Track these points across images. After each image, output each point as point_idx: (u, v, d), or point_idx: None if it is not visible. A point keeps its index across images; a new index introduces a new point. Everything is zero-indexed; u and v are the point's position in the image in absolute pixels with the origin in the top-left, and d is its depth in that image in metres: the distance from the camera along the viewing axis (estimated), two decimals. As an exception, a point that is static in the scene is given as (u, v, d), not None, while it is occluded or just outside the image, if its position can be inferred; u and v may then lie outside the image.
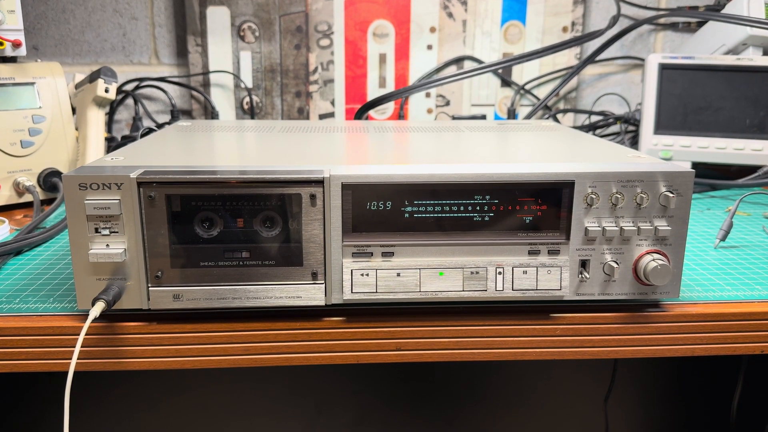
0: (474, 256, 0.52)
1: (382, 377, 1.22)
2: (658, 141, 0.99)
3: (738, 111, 0.97)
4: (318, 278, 0.52)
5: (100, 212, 0.48)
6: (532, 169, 0.51)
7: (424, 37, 1.18)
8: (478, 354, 0.54)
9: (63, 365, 0.51)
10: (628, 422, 1.27)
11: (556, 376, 1.23)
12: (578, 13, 1.17)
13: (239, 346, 0.52)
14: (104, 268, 0.50)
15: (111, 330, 0.51)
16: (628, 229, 0.52)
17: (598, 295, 0.53)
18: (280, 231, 0.51)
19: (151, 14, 1.17)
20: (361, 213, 0.51)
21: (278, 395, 1.22)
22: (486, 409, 1.26)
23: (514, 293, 0.52)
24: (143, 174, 0.49)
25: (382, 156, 0.59)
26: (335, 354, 0.53)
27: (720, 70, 0.97)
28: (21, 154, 0.85)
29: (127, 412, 1.21)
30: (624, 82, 1.25)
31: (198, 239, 0.50)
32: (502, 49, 1.19)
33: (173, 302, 0.51)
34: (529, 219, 0.52)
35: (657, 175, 0.51)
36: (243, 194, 0.50)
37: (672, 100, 0.98)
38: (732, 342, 0.55)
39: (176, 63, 1.20)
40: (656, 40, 1.23)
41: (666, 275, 0.51)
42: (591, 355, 0.55)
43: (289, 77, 1.18)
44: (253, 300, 0.51)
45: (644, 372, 1.24)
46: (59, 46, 1.17)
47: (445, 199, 0.51)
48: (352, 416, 1.25)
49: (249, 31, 1.15)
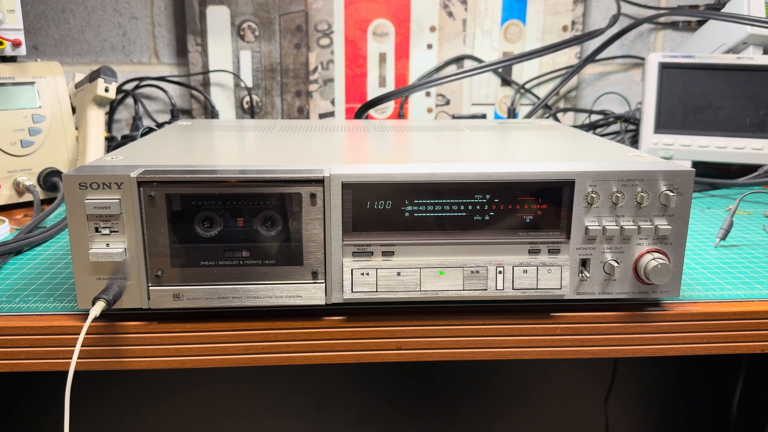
0: (474, 256, 0.52)
1: (383, 376, 1.22)
2: (658, 140, 0.99)
3: (738, 110, 0.97)
4: (318, 277, 0.52)
5: (101, 212, 0.48)
6: (533, 168, 0.51)
7: (424, 37, 1.18)
8: (479, 353, 0.54)
9: (63, 365, 0.51)
10: (628, 421, 1.27)
11: (557, 375, 1.23)
12: (578, 12, 1.17)
13: (239, 345, 0.52)
14: (104, 267, 0.50)
15: (111, 329, 0.51)
16: (629, 228, 0.52)
17: (598, 294, 0.53)
18: (281, 230, 0.51)
19: (151, 14, 1.17)
20: (361, 212, 0.51)
21: (279, 394, 1.22)
22: (486, 408, 1.26)
23: (514, 292, 0.52)
24: (143, 173, 0.49)
25: (383, 155, 0.59)
26: (335, 353, 0.53)
27: (720, 69, 0.97)
28: (21, 154, 0.85)
29: (128, 412, 1.21)
30: (624, 81, 1.25)
31: (198, 239, 0.50)
32: (502, 48, 1.19)
33: (173, 302, 0.51)
34: (530, 218, 0.52)
35: (657, 174, 0.51)
36: (243, 193, 0.50)
37: (672, 99, 0.98)
38: (732, 341, 0.55)
39: (176, 62, 1.20)
40: (656, 39, 1.23)
41: (666, 274, 0.51)
42: (591, 354, 0.55)
43: (289, 76, 1.18)
44: (254, 299, 0.51)
45: (645, 371, 1.24)
46: (59, 46, 1.17)
47: (446, 198, 0.51)
48: (352, 415, 1.25)
49: (249, 31, 1.15)
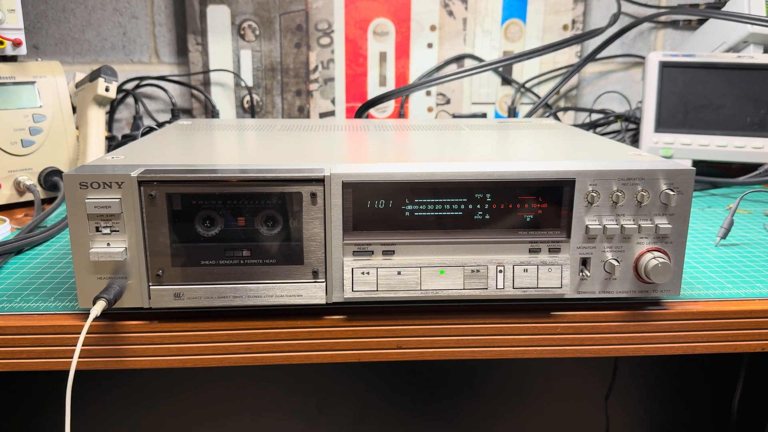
0: (475, 255, 0.52)
1: (383, 375, 1.22)
2: (658, 139, 0.99)
3: (739, 109, 0.97)
4: (319, 277, 0.52)
5: (101, 211, 0.48)
6: (533, 167, 0.51)
7: (424, 36, 1.18)
8: (479, 352, 0.54)
9: (64, 364, 0.51)
10: (628, 420, 1.27)
11: (557, 375, 1.23)
12: (579, 11, 1.17)
13: (240, 344, 0.52)
14: (105, 266, 0.50)
15: (112, 329, 0.51)
16: (629, 227, 0.52)
17: (598, 293, 0.53)
18: (281, 229, 0.51)
19: (152, 13, 1.17)
20: (361, 211, 0.51)
21: (279, 394, 1.22)
22: (487, 407, 1.26)
23: (514, 291, 0.52)
24: (144, 173, 0.49)
25: (383, 154, 0.59)
26: (336, 352, 0.53)
27: (721, 68, 0.97)
28: (22, 153, 0.85)
29: (128, 411, 1.21)
30: (624, 80, 1.25)
31: (199, 238, 0.50)
32: (503, 48, 1.19)
33: (174, 301, 0.51)
34: (530, 217, 0.52)
35: (658, 172, 0.51)
36: (244, 193, 0.50)
37: (672, 98, 0.98)
38: (733, 340, 0.55)
39: (176, 62, 1.20)
40: (657, 38, 1.23)
41: (667, 273, 0.51)
42: (592, 353, 0.55)
43: (289, 76, 1.18)
44: (254, 299, 0.51)
45: (645, 370, 1.24)
46: (59, 45, 1.17)
47: (446, 197, 0.51)
48: (352, 415, 1.25)
49: (249, 30, 1.15)
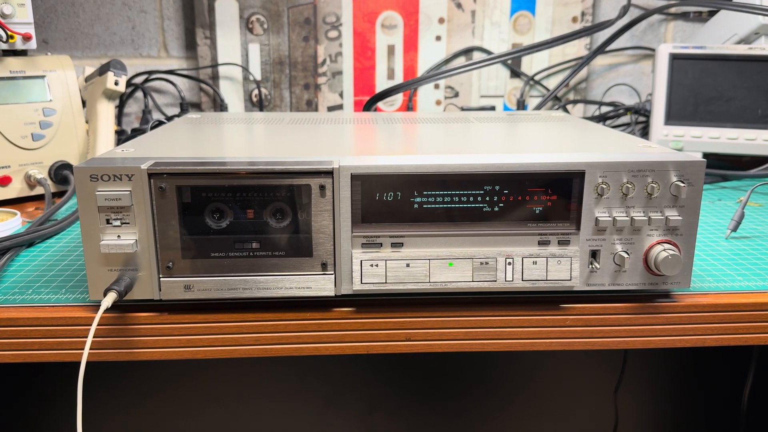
0: (483, 247, 0.52)
1: (392, 367, 1.23)
2: (668, 131, 0.98)
3: (750, 101, 0.96)
4: (328, 269, 0.52)
5: (112, 203, 0.49)
6: (543, 160, 0.51)
7: (432, 29, 1.18)
8: (488, 344, 0.54)
9: (75, 355, 0.52)
10: (638, 413, 1.27)
11: (566, 367, 1.23)
12: (588, 3, 1.16)
13: (250, 336, 0.53)
14: (116, 259, 0.50)
15: (123, 320, 0.52)
16: (639, 219, 0.51)
17: (608, 285, 0.53)
18: (290, 222, 0.51)
19: (160, 7, 1.17)
20: (370, 204, 0.51)
21: (288, 385, 1.23)
22: (495, 398, 1.26)
23: (523, 283, 0.52)
24: (154, 165, 0.49)
25: (391, 147, 0.59)
26: (345, 344, 0.54)
27: (731, 59, 0.96)
28: (32, 147, 0.86)
29: (138, 401, 1.22)
30: (634, 73, 1.24)
31: (208, 230, 0.50)
32: (512, 40, 1.19)
33: (184, 293, 0.51)
34: (539, 209, 0.52)
35: (668, 164, 0.51)
36: (253, 185, 0.50)
37: (683, 91, 0.97)
38: (743, 332, 0.54)
39: (185, 56, 1.20)
40: (667, 30, 1.22)
41: (677, 265, 0.51)
42: (601, 346, 0.54)
43: (297, 69, 1.18)
44: (264, 290, 0.51)
45: (654, 362, 1.24)
46: (69, 40, 1.18)
47: (455, 189, 0.51)
48: (361, 406, 1.25)
49: (257, 24, 1.15)
